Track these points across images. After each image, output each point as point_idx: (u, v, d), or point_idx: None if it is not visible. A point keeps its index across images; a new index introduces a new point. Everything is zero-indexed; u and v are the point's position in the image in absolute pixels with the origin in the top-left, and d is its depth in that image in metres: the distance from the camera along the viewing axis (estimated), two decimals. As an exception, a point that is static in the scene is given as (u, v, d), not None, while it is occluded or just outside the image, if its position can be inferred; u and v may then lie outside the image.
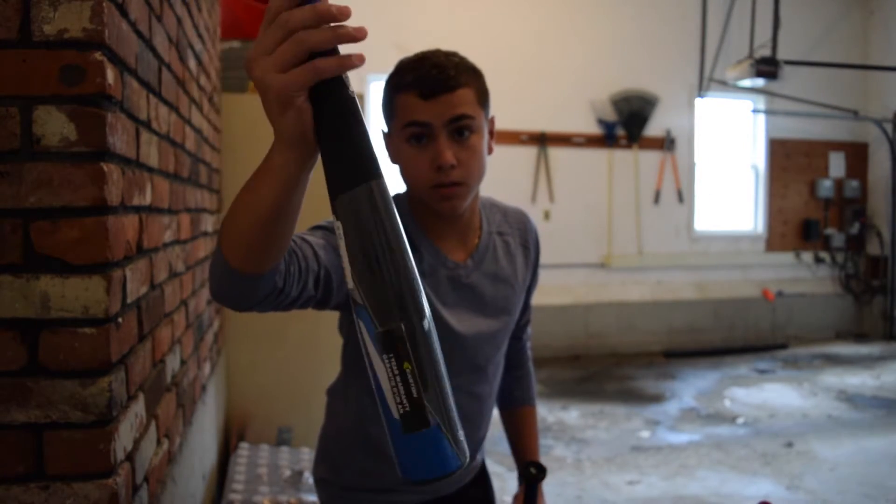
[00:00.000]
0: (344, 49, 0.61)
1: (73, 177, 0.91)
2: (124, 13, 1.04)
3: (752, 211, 6.87)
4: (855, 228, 6.90)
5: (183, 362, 1.66)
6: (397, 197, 1.15)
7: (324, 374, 1.43)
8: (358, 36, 0.59)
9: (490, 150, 1.13)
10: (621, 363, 5.91)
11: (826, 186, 6.84)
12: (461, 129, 1.05)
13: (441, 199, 1.07)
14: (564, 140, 6.15)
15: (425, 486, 1.21)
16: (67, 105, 0.91)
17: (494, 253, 1.19)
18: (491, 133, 1.14)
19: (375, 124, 5.04)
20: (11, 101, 0.90)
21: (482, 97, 1.10)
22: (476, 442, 1.26)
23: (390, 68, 1.10)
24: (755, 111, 6.72)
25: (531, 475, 1.28)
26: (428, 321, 0.61)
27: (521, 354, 1.39)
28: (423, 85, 1.04)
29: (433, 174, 1.05)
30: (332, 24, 0.58)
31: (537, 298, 6.33)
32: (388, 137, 1.12)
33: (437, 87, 1.04)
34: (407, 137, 1.06)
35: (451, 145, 1.05)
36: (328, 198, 0.61)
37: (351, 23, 0.60)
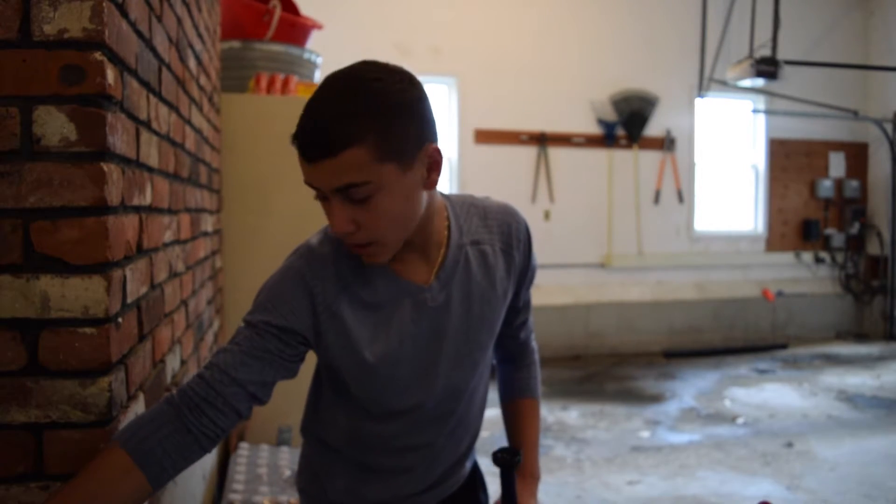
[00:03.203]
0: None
1: (73, 177, 0.91)
2: (124, 13, 1.04)
3: (752, 211, 6.87)
4: (855, 228, 6.90)
5: (183, 362, 1.66)
6: None
7: (324, 374, 1.44)
8: None
9: (430, 186, 0.97)
10: (621, 363, 5.91)
11: (826, 186, 6.85)
12: (352, 196, 0.91)
13: (357, 253, 0.99)
14: (564, 140, 6.15)
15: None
16: (67, 105, 0.91)
17: (466, 267, 1.08)
18: (433, 166, 0.96)
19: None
20: (11, 101, 0.90)
21: (386, 148, 0.89)
22: (461, 454, 1.23)
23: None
24: (755, 111, 6.72)
25: (500, 460, 1.14)
26: None
27: (521, 349, 1.32)
28: (301, 145, 0.90)
29: (332, 228, 0.95)
30: None
31: (537, 298, 6.30)
32: None
33: (315, 154, 0.88)
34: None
35: (346, 209, 0.92)
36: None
37: (351, 23, 0.61)
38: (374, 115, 0.88)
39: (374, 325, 1.03)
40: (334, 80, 0.92)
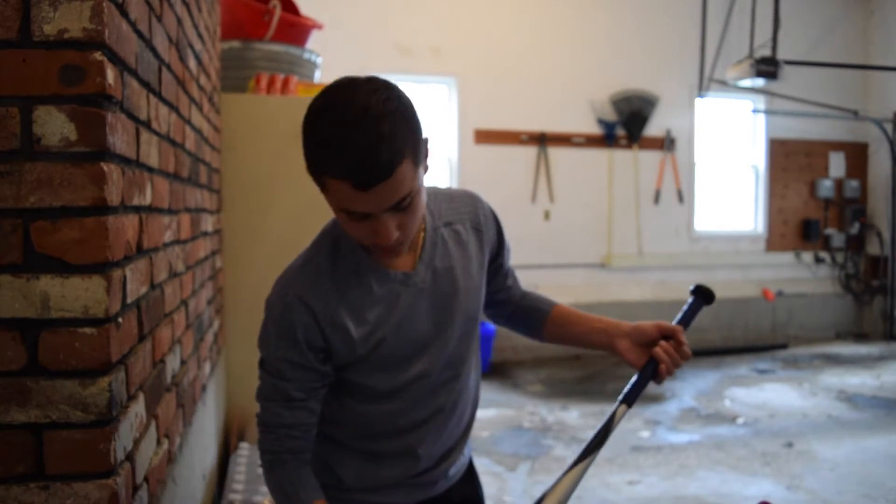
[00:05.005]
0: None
1: (73, 177, 0.91)
2: (124, 13, 1.04)
3: (752, 211, 6.87)
4: (855, 228, 6.90)
5: (183, 362, 1.66)
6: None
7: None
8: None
9: (427, 169, 1.04)
10: (621, 363, 5.88)
11: (826, 186, 6.85)
12: (401, 206, 0.97)
13: (381, 255, 1.08)
14: (564, 140, 6.15)
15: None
16: (67, 105, 0.91)
17: (444, 247, 1.16)
18: (427, 155, 1.03)
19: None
20: (11, 101, 0.90)
21: (417, 151, 0.96)
22: (464, 428, 1.27)
23: (391, 68, 1.07)
24: (755, 111, 6.72)
25: (700, 289, 1.26)
26: None
27: (522, 294, 1.38)
28: (355, 178, 0.91)
29: (373, 240, 1.01)
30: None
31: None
32: (317, 183, 1.01)
33: (372, 179, 0.91)
34: (344, 213, 0.99)
35: (392, 219, 0.98)
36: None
37: (352, 23, 0.62)
38: (404, 128, 0.94)
39: (376, 319, 1.10)
40: (347, 108, 0.92)
